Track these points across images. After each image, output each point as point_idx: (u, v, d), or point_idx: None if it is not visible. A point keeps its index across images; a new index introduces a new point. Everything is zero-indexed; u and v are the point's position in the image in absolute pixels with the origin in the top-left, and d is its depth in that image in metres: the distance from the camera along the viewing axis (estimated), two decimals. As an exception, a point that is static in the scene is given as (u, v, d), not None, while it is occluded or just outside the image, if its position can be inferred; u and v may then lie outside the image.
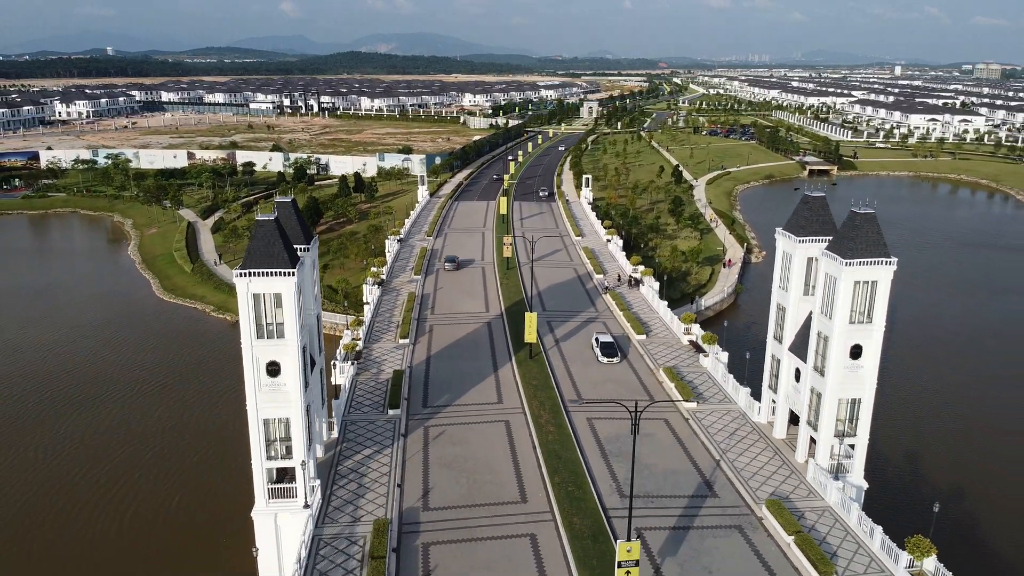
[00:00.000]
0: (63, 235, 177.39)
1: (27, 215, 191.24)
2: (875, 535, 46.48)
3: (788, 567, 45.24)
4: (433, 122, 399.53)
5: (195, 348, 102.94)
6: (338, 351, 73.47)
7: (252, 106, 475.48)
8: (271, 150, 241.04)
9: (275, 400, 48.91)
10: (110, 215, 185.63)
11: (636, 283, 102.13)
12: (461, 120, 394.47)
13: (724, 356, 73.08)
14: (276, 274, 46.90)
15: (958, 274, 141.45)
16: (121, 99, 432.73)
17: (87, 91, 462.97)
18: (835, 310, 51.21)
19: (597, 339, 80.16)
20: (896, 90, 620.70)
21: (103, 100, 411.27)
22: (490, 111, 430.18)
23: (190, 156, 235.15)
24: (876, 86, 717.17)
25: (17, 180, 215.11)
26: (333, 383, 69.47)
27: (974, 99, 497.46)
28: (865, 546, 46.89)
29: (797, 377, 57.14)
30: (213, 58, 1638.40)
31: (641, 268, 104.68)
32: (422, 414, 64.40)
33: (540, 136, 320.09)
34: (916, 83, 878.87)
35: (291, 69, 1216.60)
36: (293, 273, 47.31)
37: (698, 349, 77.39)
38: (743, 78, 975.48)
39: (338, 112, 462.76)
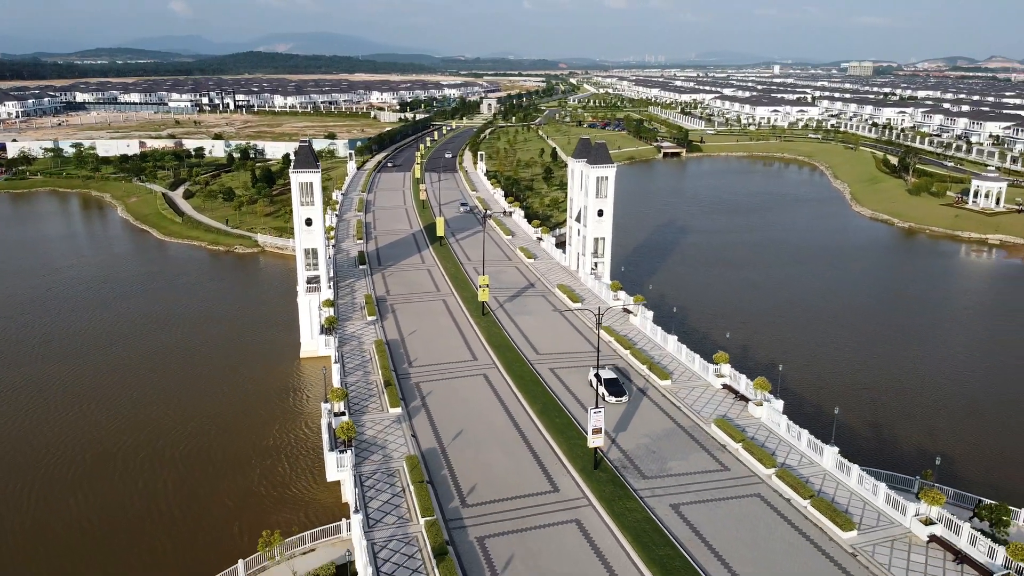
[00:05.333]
0: (55, 206, 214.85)
1: (11, 194, 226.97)
2: (602, 291, 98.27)
3: (562, 305, 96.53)
4: (346, 116, 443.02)
5: (200, 264, 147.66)
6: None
7: (171, 104, 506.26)
8: (213, 139, 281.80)
9: (310, 238, 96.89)
10: (86, 191, 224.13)
11: (509, 213, 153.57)
12: (372, 115, 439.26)
13: (552, 239, 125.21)
14: (311, 171, 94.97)
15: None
16: (46, 100, 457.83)
17: (12, 93, 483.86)
18: (588, 191, 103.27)
19: (598, 375, 68.03)
20: (761, 87, 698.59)
21: (30, 100, 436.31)
22: (398, 107, 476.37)
23: (141, 144, 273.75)
24: (749, 84, 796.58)
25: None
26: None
27: (827, 93, 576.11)
28: (597, 295, 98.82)
29: (579, 233, 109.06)
30: (104, 59, 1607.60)
31: (512, 202, 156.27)
32: (378, 268, 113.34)
33: (444, 127, 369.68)
34: (789, 80, 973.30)
35: (190, 70, 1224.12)
36: (318, 171, 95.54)
37: (539, 239, 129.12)
38: (633, 78, 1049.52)
39: (255, 109, 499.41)
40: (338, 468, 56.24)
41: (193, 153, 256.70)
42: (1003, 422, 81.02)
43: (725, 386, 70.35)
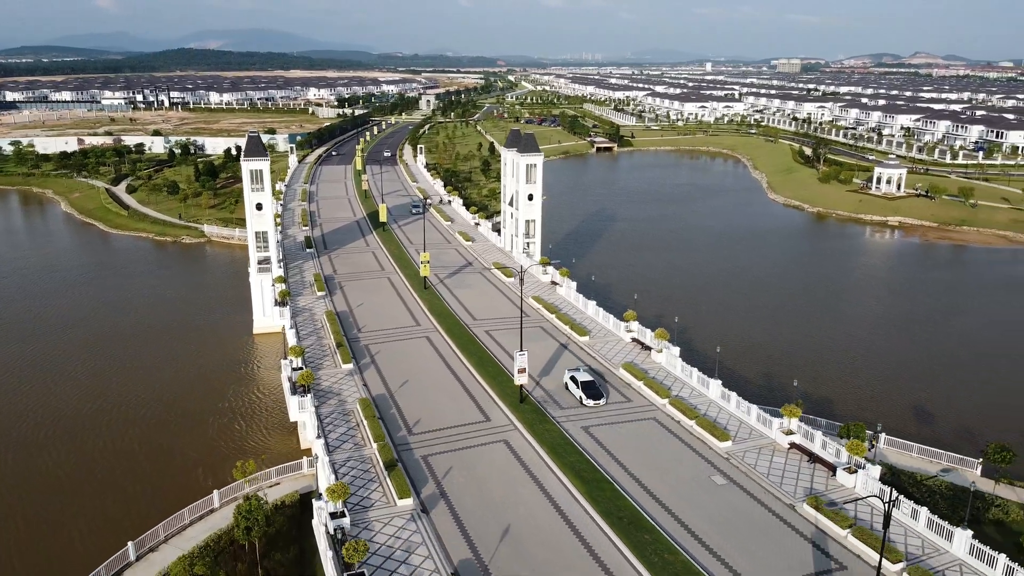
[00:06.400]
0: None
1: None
2: (535, 269, 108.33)
3: (497, 280, 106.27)
4: (284, 113, 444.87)
5: (149, 254, 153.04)
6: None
7: (104, 102, 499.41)
8: (151, 135, 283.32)
9: (261, 221, 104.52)
10: (27, 188, 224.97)
11: (448, 202, 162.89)
12: (310, 111, 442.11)
13: (488, 224, 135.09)
14: (260, 159, 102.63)
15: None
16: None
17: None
18: (519, 177, 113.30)
19: (574, 378, 68.67)
20: (692, 84, 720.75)
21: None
22: (336, 103, 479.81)
23: (80, 142, 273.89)
24: (681, 81, 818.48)
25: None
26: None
27: (755, 89, 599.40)
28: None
29: (512, 216, 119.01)
30: (30, 57, 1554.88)
31: (451, 192, 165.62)
32: (325, 252, 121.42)
33: (383, 123, 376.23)
34: (720, 77, 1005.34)
35: (119, 67, 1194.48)
36: (267, 159, 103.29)
37: (477, 224, 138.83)
38: (569, 76, 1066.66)
39: (190, 106, 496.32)
40: (299, 410, 64.95)
41: (133, 149, 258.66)
42: (877, 371, 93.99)
43: (634, 339, 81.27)
